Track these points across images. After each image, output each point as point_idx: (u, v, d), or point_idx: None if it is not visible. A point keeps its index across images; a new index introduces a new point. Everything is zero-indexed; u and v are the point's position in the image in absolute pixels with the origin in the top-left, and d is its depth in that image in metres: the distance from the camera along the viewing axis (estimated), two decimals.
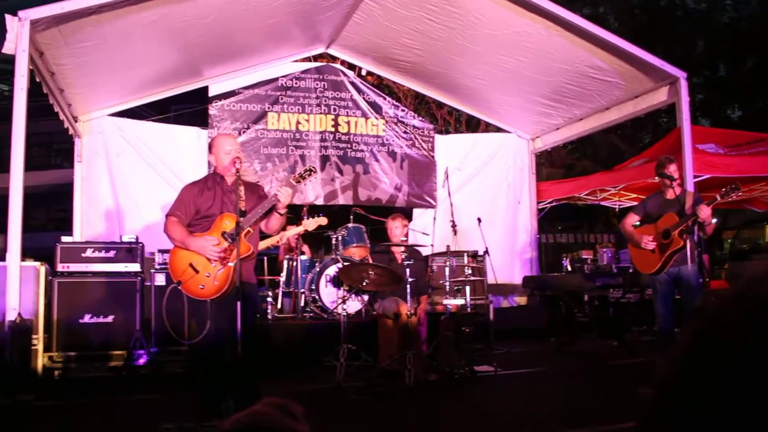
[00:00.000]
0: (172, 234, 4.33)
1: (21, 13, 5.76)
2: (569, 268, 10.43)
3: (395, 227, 6.79)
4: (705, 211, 5.46)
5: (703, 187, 8.41)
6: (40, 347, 6.27)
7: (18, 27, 5.76)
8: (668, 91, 8.38)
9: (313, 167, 4.85)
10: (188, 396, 4.57)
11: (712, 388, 0.54)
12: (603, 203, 12.12)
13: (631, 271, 8.38)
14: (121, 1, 6.29)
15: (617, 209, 12.19)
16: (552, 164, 17.89)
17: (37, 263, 6.42)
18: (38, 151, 27.34)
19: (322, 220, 4.97)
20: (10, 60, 5.85)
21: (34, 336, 6.12)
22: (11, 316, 5.44)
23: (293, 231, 7.43)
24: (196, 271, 4.26)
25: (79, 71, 7.40)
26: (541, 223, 11.46)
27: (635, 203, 7.78)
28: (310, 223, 4.88)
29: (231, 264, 4.24)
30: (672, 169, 5.77)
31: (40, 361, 6.27)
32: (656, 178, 5.97)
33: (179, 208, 4.41)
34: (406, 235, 6.99)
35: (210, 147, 4.73)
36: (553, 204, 11.71)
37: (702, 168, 8.25)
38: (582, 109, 9.74)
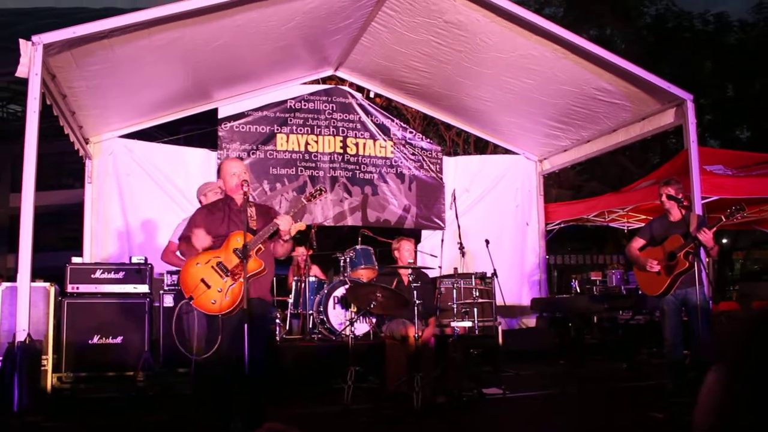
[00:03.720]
0: (187, 250, 4.41)
1: (34, 38, 5.83)
2: (578, 290, 10.41)
3: (405, 249, 6.80)
4: (705, 235, 5.44)
5: (711, 208, 8.40)
6: (49, 368, 6.29)
7: (31, 51, 5.83)
8: (675, 113, 8.38)
9: (323, 187, 4.94)
10: (195, 417, 4.57)
11: None
12: (612, 224, 12.10)
13: (640, 293, 8.34)
14: (132, 25, 6.38)
15: (626, 230, 12.16)
16: (560, 185, 17.87)
17: (47, 284, 6.46)
18: (49, 171, 27.50)
19: (301, 226, 5.02)
20: (23, 81, 5.91)
21: (43, 356, 6.15)
22: (21, 336, 5.46)
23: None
24: (208, 287, 4.27)
25: (90, 94, 7.49)
26: (549, 244, 11.43)
27: (643, 225, 7.78)
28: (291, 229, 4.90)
29: (242, 280, 4.25)
30: (673, 191, 5.79)
31: (49, 381, 6.30)
32: (660, 200, 5.97)
33: (189, 229, 4.46)
34: (415, 257, 7.00)
35: (218, 172, 4.79)
36: (562, 225, 11.69)
37: (710, 189, 8.24)
38: (589, 131, 9.76)
